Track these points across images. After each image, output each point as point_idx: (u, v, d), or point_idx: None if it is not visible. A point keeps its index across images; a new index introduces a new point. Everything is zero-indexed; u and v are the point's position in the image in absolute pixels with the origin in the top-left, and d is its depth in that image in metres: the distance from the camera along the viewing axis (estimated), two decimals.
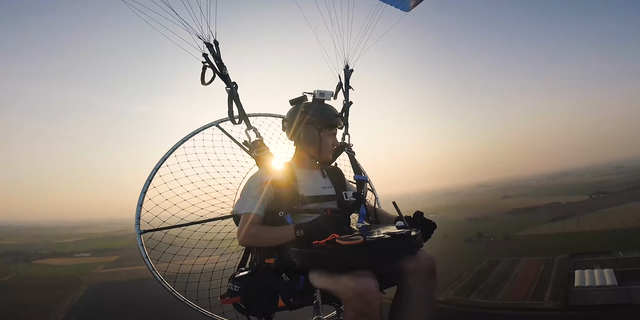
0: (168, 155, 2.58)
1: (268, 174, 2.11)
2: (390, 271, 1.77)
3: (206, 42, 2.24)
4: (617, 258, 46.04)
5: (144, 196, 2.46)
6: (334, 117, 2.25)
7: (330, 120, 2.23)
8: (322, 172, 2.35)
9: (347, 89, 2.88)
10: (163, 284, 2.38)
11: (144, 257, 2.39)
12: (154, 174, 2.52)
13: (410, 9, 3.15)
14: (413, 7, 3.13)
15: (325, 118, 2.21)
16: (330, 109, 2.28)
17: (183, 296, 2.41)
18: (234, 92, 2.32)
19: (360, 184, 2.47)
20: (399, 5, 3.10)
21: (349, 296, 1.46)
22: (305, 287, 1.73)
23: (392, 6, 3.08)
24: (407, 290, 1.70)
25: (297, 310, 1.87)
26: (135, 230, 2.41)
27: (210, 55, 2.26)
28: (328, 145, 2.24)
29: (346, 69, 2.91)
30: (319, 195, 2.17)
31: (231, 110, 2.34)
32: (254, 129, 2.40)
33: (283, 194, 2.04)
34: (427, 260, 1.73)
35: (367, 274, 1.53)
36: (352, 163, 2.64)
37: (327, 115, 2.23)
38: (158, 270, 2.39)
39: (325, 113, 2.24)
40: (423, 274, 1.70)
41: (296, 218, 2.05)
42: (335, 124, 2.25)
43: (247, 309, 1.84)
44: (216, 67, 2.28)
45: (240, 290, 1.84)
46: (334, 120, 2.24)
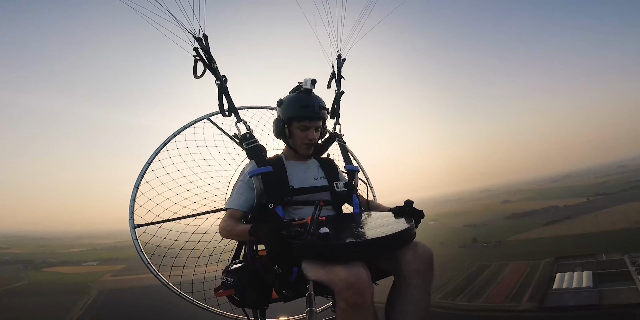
0: (160, 150, 2.59)
1: (257, 166, 2.10)
2: (387, 262, 1.76)
3: (195, 35, 2.25)
4: (599, 260, 47.66)
5: (137, 191, 2.46)
6: (302, 108, 2.10)
7: (296, 112, 2.11)
8: (315, 163, 2.33)
9: (339, 79, 2.84)
10: (158, 278, 2.40)
11: (139, 250, 2.39)
12: (146, 169, 2.52)
13: None
14: None
15: (291, 110, 2.12)
16: (303, 99, 2.13)
17: (179, 289, 2.42)
18: (224, 85, 2.34)
19: (351, 174, 2.46)
20: None
21: (341, 287, 1.43)
22: (298, 278, 1.69)
23: None
24: (405, 281, 1.67)
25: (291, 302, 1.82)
26: (129, 225, 2.42)
27: (200, 48, 2.28)
28: (298, 139, 2.15)
29: (339, 58, 2.86)
30: (309, 186, 2.13)
31: (221, 103, 2.36)
32: (243, 121, 2.38)
33: (272, 186, 2.03)
34: (425, 251, 1.70)
35: (359, 264, 1.51)
36: (342, 153, 2.61)
37: (293, 106, 2.12)
38: (153, 264, 2.40)
39: (292, 104, 2.13)
40: (421, 265, 1.66)
41: (287, 210, 2.05)
42: (302, 115, 2.10)
43: (241, 301, 1.85)
44: (206, 61, 2.30)
45: (234, 283, 1.83)
46: (301, 111, 2.10)
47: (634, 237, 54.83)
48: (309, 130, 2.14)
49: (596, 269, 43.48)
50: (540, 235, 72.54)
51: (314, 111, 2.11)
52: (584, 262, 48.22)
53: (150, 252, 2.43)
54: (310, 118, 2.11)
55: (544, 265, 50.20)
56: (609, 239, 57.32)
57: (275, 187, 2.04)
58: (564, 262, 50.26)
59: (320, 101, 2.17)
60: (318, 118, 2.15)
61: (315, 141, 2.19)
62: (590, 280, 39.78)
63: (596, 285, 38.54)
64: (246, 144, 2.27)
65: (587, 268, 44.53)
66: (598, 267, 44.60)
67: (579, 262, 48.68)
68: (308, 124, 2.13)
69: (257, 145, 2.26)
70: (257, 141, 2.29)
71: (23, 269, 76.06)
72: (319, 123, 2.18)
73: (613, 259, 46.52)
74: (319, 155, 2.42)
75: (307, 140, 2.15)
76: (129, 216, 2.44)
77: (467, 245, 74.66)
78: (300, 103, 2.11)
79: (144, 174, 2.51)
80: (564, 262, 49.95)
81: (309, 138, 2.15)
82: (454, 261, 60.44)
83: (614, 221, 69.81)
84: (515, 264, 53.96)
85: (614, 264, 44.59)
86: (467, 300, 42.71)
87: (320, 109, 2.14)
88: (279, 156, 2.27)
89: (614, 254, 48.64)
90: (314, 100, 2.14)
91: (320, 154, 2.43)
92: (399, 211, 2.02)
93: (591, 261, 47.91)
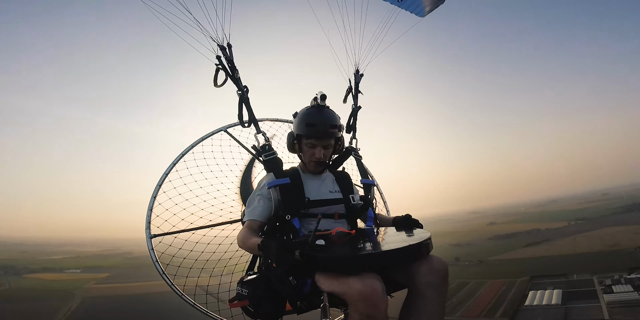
0: (177, 161, 2.60)
1: (274, 177, 2.13)
2: (401, 274, 1.76)
3: (219, 44, 2.26)
4: (570, 280, 49.98)
5: (154, 201, 2.46)
6: (307, 127, 2.11)
7: (303, 129, 2.12)
8: (331, 177, 2.34)
9: (357, 94, 2.86)
10: (173, 288, 2.39)
11: (154, 261, 2.38)
12: (163, 179, 2.54)
13: (425, 15, 3.09)
14: (429, 12, 3.08)
15: (299, 126, 2.15)
16: (311, 116, 2.12)
17: (192, 300, 2.41)
18: (245, 95, 2.33)
19: (367, 187, 2.48)
20: (414, 10, 3.04)
21: (355, 299, 1.44)
22: (312, 290, 1.66)
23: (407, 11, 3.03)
24: (420, 294, 1.65)
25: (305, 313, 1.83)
26: (146, 235, 2.42)
27: (223, 57, 2.28)
28: (306, 156, 2.19)
29: (356, 73, 2.89)
30: (325, 199, 2.15)
31: (241, 114, 2.35)
32: (263, 133, 2.38)
33: (289, 198, 2.06)
34: (440, 264, 1.69)
35: (374, 276, 1.51)
36: (359, 167, 2.62)
37: (300, 122, 2.14)
38: (168, 275, 2.40)
39: (301, 120, 2.15)
40: (436, 278, 1.65)
41: (303, 222, 2.07)
42: (308, 134, 2.11)
43: (256, 312, 1.81)
44: (228, 70, 2.29)
45: (248, 294, 1.80)
46: (306, 130, 2.11)
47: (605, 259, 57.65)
48: (316, 148, 2.15)
49: (566, 288, 45.65)
50: (520, 256, 74.57)
51: (319, 130, 2.10)
52: (556, 281, 50.46)
53: (165, 262, 2.42)
54: (317, 137, 2.12)
55: (520, 284, 52.08)
56: (583, 261, 59.82)
57: (293, 199, 2.06)
58: (539, 280, 52.36)
59: (331, 119, 2.14)
60: (324, 137, 2.14)
61: (322, 160, 2.18)
62: (559, 298, 41.81)
63: (564, 302, 40.56)
64: (265, 156, 2.26)
65: (558, 287, 46.70)
66: (568, 286, 46.81)
67: (552, 281, 50.94)
68: (314, 142, 2.13)
69: (275, 157, 2.26)
70: (275, 153, 2.28)
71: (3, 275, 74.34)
72: (327, 141, 2.17)
73: (583, 279, 48.86)
74: (335, 168, 2.48)
75: (314, 158, 2.17)
76: (146, 226, 2.43)
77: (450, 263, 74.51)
78: (307, 120, 2.11)
79: (161, 184, 2.52)
80: (538, 281, 52.03)
81: (316, 157, 2.16)
82: None
83: (590, 244, 72.58)
84: (493, 281, 55.74)
85: (583, 283, 46.87)
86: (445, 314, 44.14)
87: (327, 128, 2.12)
88: (295, 168, 2.28)
89: (584, 274, 51.08)
90: (323, 118, 2.12)
91: (335, 167, 2.50)
92: (400, 221, 2.14)
93: (563, 280, 50.19)
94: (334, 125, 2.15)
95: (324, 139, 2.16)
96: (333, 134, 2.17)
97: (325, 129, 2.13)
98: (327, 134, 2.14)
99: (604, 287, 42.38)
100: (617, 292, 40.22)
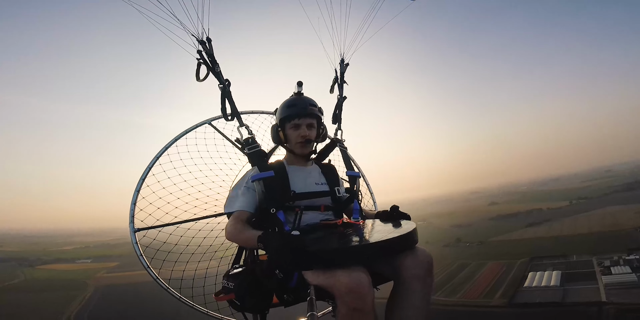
0: (161, 154, 2.58)
1: (258, 171, 2.11)
2: (386, 267, 1.77)
3: (199, 39, 2.26)
4: (570, 261, 50.95)
5: (137, 195, 2.46)
6: (289, 108, 2.18)
7: (285, 112, 2.18)
8: (317, 169, 2.35)
9: (342, 84, 2.84)
10: (158, 282, 2.40)
11: (139, 255, 2.39)
12: (147, 173, 2.52)
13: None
14: None
15: (281, 112, 2.20)
16: (290, 100, 2.22)
17: (178, 293, 2.40)
18: (227, 89, 2.33)
19: (352, 179, 2.46)
20: None
21: (342, 291, 1.45)
22: (299, 283, 1.68)
23: None
24: (405, 286, 1.67)
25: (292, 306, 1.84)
26: (129, 229, 2.42)
27: (204, 52, 2.29)
28: (292, 138, 2.19)
29: (342, 62, 2.85)
30: (311, 191, 2.15)
31: (224, 107, 2.35)
32: (246, 126, 2.36)
33: (273, 191, 2.04)
34: (425, 256, 1.71)
35: (360, 269, 1.52)
36: (344, 159, 2.62)
37: (282, 108, 2.20)
38: (153, 268, 2.39)
39: (282, 107, 2.21)
40: (421, 270, 1.67)
41: (288, 214, 2.05)
42: (290, 114, 2.17)
43: (242, 305, 1.83)
44: (209, 64, 2.29)
45: (234, 287, 1.82)
46: (288, 110, 2.17)
47: (605, 240, 58.32)
48: (300, 128, 2.17)
49: (565, 269, 46.64)
50: (520, 237, 75.67)
51: (300, 107, 2.17)
52: (555, 262, 51.43)
53: (150, 256, 2.42)
54: (298, 115, 2.16)
55: (519, 265, 53.18)
56: (583, 241, 60.66)
57: (277, 192, 2.05)
58: (538, 262, 53.40)
59: (309, 100, 2.22)
60: (306, 114, 2.18)
61: (308, 137, 2.19)
62: (558, 280, 42.82)
63: (563, 284, 41.60)
64: (248, 149, 2.26)
65: (558, 268, 47.65)
66: (568, 267, 47.77)
67: (552, 262, 51.91)
68: (298, 122, 2.17)
69: (259, 150, 2.25)
70: (259, 146, 2.28)
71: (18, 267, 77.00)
72: (309, 120, 2.19)
73: (582, 260, 49.85)
74: (320, 160, 2.46)
75: (300, 138, 2.17)
76: (129, 220, 2.44)
77: (451, 244, 77.27)
78: (287, 103, 2.20)
79: (144, 178, 2.51)
80: (538, 262, 53.09)
81: (301, 135, 2.17)
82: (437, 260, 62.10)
83: (590, 225, 73.22)
84: (493, 263, 56.91)
85: (583, 264, 47.85)
86: (446, 295, 45.36)
87: (307, 105, 2.18)
88: (280, 161, 2.29)
89: (584, 255, 52.00)
90: (302, 99, 2.21)
91: (321, 159, 2.47)
92: (385, 215, 2.13)
93: (562, 262, 51.09)
94: (313, 104, 2.21)
95: (306, 116, 2.19)
96: (313, 111, 2.20)
97: (305, 106, 2.18)
98: (308, 110, 2.18)
99: (603, 269, 43.33)
100: (615, 273, 41.15)
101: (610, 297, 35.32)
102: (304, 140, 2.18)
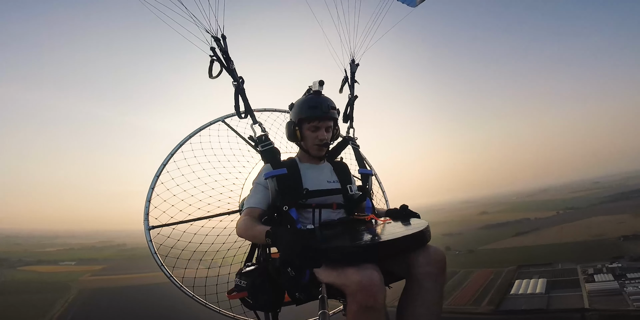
0: (175, 151, 2.60)
1: (271, 168, 2.12)
2: (399, 265, 1.77)
3: (214, 36, 2.25)
4: (555, 269, 51.53)
5: (152, 192, 2.46)
6: (310, 109, 2.15)
7: (305, 112, 2.15)
8: (329, 167, 2.35)
9: (353, 83, 2.86)
10: (172, 280, 2.38)
11: (153, 252, 2.38)
12: (161, 170, 2.52)
13: (417, 5, 3.14)
14: (420, 2, 3.13)
15: (300, 111, 2.17)
16: (312, 100, 2.18)
17: (192, 292, 2.41)
18: (241, 86, 2.35)
19: (365, 177, 2.46)
20: (405, 1, 3.10)
21: (353, 289, 1.45)
22: (310, 281, 1.68)
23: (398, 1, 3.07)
24: (418, 284, 1.68)
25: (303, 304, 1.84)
26: (144, 226, 2.41)
27: (218, 49, 2.28)
28: (309, 139, 2.19)
29: (352, 62, 2.89)
30: (323, 189, 2.15)
31: (237, 105, 2.37)
32: (259, 123, 2.38)
33: (286, 189, 2.05)
34: (438, 254, 1.71)
35: (372, 267, 1.52)
36: (356, 157, 2.62)
37: (302, 107, 2.18)
38: (167, 266, 2.40)
39: (301, 106, 2.19)
40: (434, 268, 1.67)
41: (301, 212, 2.09)
42: (311, 115, 2.14)
43: (254, 303, 1.84)
44: (223, 62, 2.30)
45: (247, 285, 1.82)
46: (309, 112, 2.14)
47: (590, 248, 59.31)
48: (320, 131, 2.17)
49: (551, 277, 47.15)
50: (509, 245, 76.14)
51: (322, 111, 2.14)
52: (542, 270, 51.94)
53: (164, 254, 2.41)
54: (319, 118, 2.14)
55: (507, 273, 53.48)
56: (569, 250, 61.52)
57: (290, 189, 2.05)
58: (525, 270, 53.86)
59: (329, 101, 2.21)
60: (327, 117, 2.17)
61: (326, 141, 2.20)
62: (544, 287, 43.19)
63: (548, 291, 41.98)
64: (261, 146, 2.27)
65: (543, 276, 48.11)
66: (553, 275, 48.33)
67: (538, 270, 52.42)
68: (318, 124, 2.16)
69: (272, 147, 2.26)
70: (272, 143, 2.29)
71: None
72: (328, 123, 2.20)
73: (567, 268, 50.41)
74: (333, 158, 2.46)
75: (317, 140, 2.17)
76: (144, 217, 2.43)
77: None
78: (309, 104, 2.16)
79: (159, 175, 2.51)
80: (525, 270, 53.54)
81: (320, 138, 2.17)
82: None
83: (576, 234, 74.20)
84: (481, 270, 57.25)
85: (567, 272, 48.43)
86: None
87: (329, 109, 2.16)
88: (293, 159, 2.28)
89: (569, 263, 52.66)
90: (322, 100, 2.18)
91: (333, 157, 2.47)
92: (396, 214, 2.15)
93: (548, 269, 51.70)
94: (333, 107, 2.22)
95: (326, 119, 2.19)
96: (333, 115, 2.22)
97: (328, 109, 2.18)
98: (329, 114, 2.19)
99: (587, 276, 43.87)
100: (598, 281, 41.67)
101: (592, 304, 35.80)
102: (322, 143, 2.20)
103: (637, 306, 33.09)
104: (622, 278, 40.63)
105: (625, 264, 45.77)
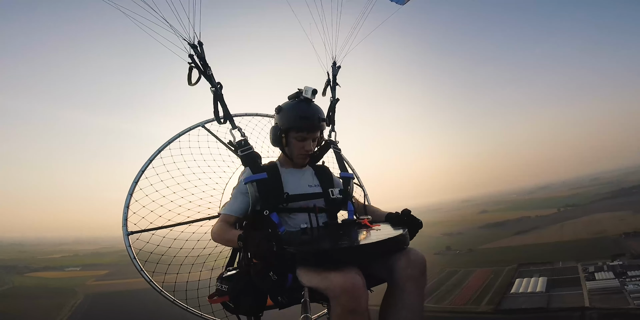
0: (154, 157, 2.57)
1: (252, 173, 2.12)
2: (380, 268, 1.79)
3: (191, 43, 2.27)
4: (555, 267, 51.80)
5: (131, 198, 2.45)
6: (301, 119, 2.12)
7: (295, 122, 2.13)
8: (310, 171, 2.35)
9: (334, 86, 2.86)
10: (152, 284, 2.38)
11: (132, 257, 2.38)
12: (139, 176, 2.51)
13: (405, 2, 3.04)
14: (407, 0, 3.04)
15: (289, 119, 2.14)
16: (303, 109, 2.14)
17: (172, 296, 2.41)
18: (219, 92, 2.34)
19: (346, 181, 2.46)
20: None
21: (337, 293, 1.47)
22: (293, 285, 1.69)
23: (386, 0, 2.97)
24: (399, 287, 1.70)
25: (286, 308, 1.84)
26: (122, 232, 2.41)
27: (195, 55, 2.29)
28: (295, 149, 2.18)
29: (334, 65, 2.88)
30: (304, 193, 2.15)
31: (216, 110, 2.36)
32: (238, 128, 2.38)
33: (267, 193, 2.05)
34: (418, 257, 1.74)
35: (355, 270, 1.55)
36: (337, 160, 2.62)
37: (292, 116, 2.13)
38: (147, 271, 2.38)
39: (291, 113, 2.14)
40: (414, 271, 1.69)
41: (282, 216, 2.07)
42: (301, 126, 2.12)
43: (236, 308, 1.84)
44: (201, 68, 2.31)
45: (228, 290, 1.83)
46: (300, 122, 2.12)
47: (590, 246, 59.53)
48: (306, 141, 2.16)
49: (551, 276, 47.44)
50: (509, 244, 76.41)
51: (313, 123, 2.13)
52: (542, 269, 52.21)
53: (144, 259, 2.41)
54: (308, 130, 2.14)
55: (507, 272, 53.82)
56: (569, 248, 61.64)
57: (270, 194, 2.05)
58: (525, 268, 54.11)
59: (320, 112, 2.20)
60: (316, 130, 2.19)
61: (311, 152, 2.23)
62: (544, 286, 43.58)
63: (548, 290, 42.34)
64: (241, 151, 2.26)
65: (544, 274, 48.40)
66: (553, 273, 48.59)
67: (538, 268, 52.70)
68: (306, 135, 2.15)
69: (252, 152, 2.27)
70: (252, 148, 2.29)
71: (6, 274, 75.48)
72: (316, 134, 2.22)
73: (568, 266, 50.67)
74: (314, 162, 2.44)
75: (303, 151, 2.18)
76: (123, 223, 2.43)
77: (441, 252, 77.56)
78: (300, 113, 2.12)
79: (137, 181, 2.50)
80: (525, 269, 53.78)
81: (306, 149, 2.18)
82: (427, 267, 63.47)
83: (577, 231, 74.46)
84: (481, 270, 57.52)
85: (568, 270, 48.65)
86: (434, 302, 45.73)
87: (319, 121, 2.15)
88: (274, 163, 2.29)
89: (570, 261, 52.86)
90: (314, 111, 2.15)
91: (315, 161, 2.44)
92: (395, 219, 2.12)
93: (549, 268, 51.92)
94: (323, 119, 2.21)
95: (315, 131, 2.20)
96: (322, 127, 2.24)
97: (318, 122, 2.16)
98: (318, 126, 2.20)
99: (587, 275, 44.12)
100: (599, 279, 41.94)
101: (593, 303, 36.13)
102: (308, 153, 2.23)
103: (637, 304, 33.41)
104: (623, 276, 40.98)
105: (626, 261, 46.04)
